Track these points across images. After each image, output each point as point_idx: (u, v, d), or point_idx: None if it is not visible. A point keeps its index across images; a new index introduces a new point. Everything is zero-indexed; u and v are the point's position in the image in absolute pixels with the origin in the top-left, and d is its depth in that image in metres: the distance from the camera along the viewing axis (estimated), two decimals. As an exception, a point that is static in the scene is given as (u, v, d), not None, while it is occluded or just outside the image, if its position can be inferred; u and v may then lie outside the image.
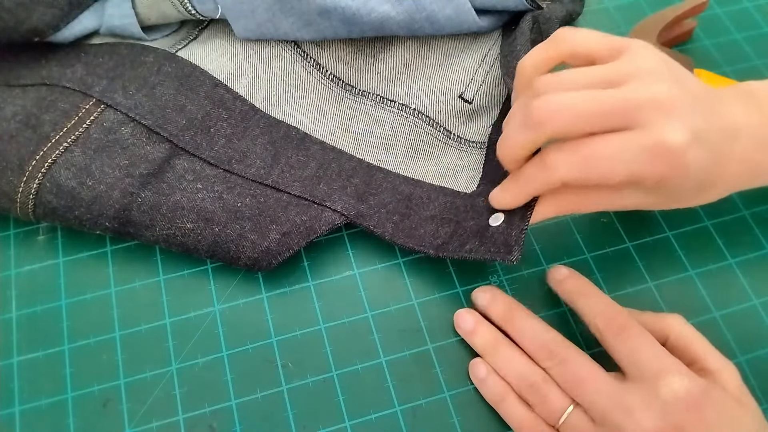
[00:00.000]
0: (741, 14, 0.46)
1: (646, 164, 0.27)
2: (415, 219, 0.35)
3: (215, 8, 0.37)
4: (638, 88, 0.27)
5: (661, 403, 0.26)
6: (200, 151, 0.35)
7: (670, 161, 0.26)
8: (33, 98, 0.36)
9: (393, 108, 0.39)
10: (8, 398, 0.31)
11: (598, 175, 0.27)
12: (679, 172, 0.27)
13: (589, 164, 0.27)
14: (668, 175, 0.27)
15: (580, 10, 0.44)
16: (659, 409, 0.26)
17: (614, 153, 0.27)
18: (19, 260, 0.35)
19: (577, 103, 0.27)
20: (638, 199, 0.30)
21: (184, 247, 0.33)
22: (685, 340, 0.29)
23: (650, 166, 0.27)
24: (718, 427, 0.26)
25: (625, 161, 0.27)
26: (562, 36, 0.30)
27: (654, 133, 0.26)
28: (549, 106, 0.27)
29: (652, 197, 0.29)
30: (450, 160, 0.38)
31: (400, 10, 0.37)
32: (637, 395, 0.27)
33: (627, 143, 0.26)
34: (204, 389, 0.32)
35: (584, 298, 0.32)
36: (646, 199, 0.30)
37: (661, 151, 0.26)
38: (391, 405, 0.32)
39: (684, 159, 0.26)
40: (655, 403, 0.27)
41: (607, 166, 0.27)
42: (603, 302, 0.31)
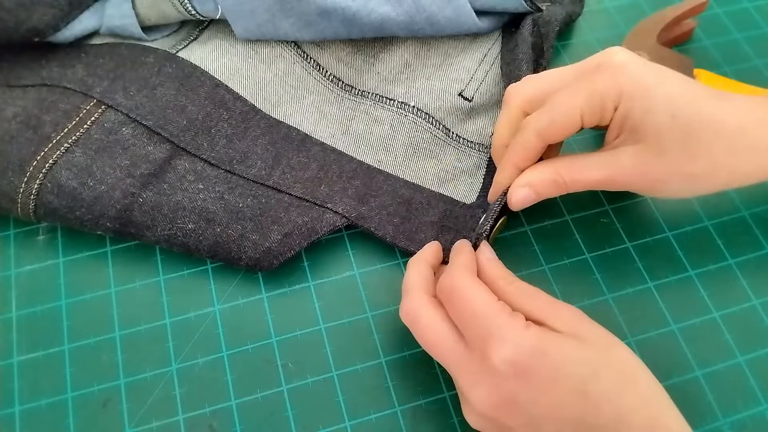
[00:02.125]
0: (741, 14, 0.46)
1: (598, 81, 0.29)
2: (415, 223, 0.35)
3: (215, 9, 0.37)
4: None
5: (491, 374, 0.26)
6: (201, 151, 0.35)
7: (618, 71, 0.29)
8: (34, 99, 0.36)
9: (392, 106, 0.39)
10: (8, 398, 0.31)
11: (562, 112, 0.29)
12: (631, 81, 0.28)
13: (552, 106, 0.30)
14: (624, 84, 0.28)
15: (579, 11, 0.44)
16: (489, 380, 0.26)
17: (571, 90, 0.29)
18: (19, 260, 0.35)
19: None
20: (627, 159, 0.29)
21: (186, 248, 0.33)
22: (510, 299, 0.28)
23: (601, 80, 0.29)
24: (552, 384, 0.25)
25: (581, 90, 0.29)
26: (507, 93, 0.33)
27: (596, 59, 0.30)
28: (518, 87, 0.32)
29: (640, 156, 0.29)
30: (449, 161, 0.38)
31: (400, 11, 0.37)
32: (473, 365, 0.26)
33: (580, 82, 0.29)
34: (204, 389, 0.32)
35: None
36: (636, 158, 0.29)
37: (607, 64, 0.29)
38: (391, 405, 0.32)
39: (628, 68, 0.29)
40: (486, 374, 0.26)
41: (566, 100, 0.29)
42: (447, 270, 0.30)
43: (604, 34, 0.45)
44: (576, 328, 0.27)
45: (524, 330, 0.26)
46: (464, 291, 0.27)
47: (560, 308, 0.28)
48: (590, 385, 0.25)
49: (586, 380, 0.25)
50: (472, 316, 0.27)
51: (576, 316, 0.28)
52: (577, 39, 0.45)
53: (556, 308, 0.28)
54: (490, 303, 0.27)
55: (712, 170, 0.29)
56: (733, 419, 0.31)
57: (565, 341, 0.26)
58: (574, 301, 0.34)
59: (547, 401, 0.25)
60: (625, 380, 0.26)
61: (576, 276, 0.35)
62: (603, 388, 0.25)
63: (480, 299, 0.27)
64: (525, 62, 0.37)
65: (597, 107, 0.29)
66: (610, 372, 0.26)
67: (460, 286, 0.28)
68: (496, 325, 0.26)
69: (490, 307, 0.27)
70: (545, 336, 0.26)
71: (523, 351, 0.25)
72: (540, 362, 0.25)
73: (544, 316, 0.27)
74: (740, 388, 0.32)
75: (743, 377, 0.32)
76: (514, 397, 0.25)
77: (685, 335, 0.34)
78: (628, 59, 0.29)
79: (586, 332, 0.26)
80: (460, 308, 0.27)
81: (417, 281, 0.30)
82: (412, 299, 0.29)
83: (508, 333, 0.26)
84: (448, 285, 0.28)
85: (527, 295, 0.28)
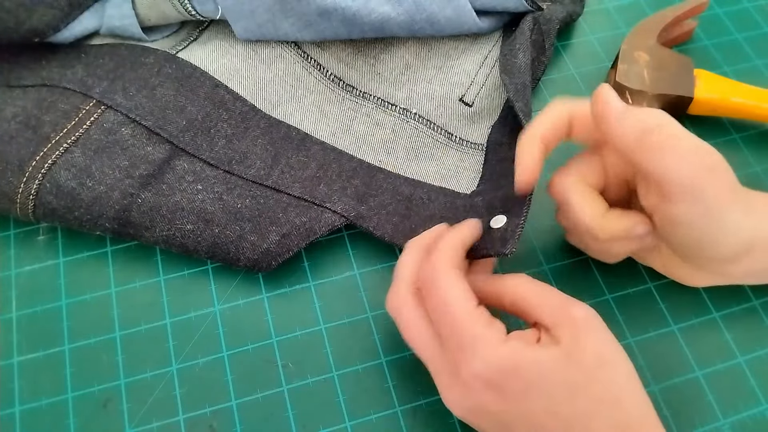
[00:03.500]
0: (741, 14, 0.46)
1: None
2: (415, 219, 0.35)
3: (215, 9, 0.37)
4: None
5: (461, 383, 0.25)
6: (200, 152, 0.35)
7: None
8: (33, 99, 0.36)
9: (394, 112, 0.39)
10: (8, 398, 0.31)
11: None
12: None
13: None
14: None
15: (580, 11, 0.44)
16: (460, 388, 0.26)
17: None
18: (19, 260, 0.35)
19: None
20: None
21: (184, 248, 0.33)
22: (520, 300, 0.28)
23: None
24: (524, 399, 0.25)
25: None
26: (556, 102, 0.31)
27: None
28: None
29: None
30: (451, 161, 0.38)
31: (401, 11, 0.37)
32: (447, 366, 0.26)
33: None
34: (204, 389, 0.32)
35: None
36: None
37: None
38: (391, 405, 0.32)
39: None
40: (457, 381, 0.26)
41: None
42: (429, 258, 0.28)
43: (604, 34, 0.45)
44: (579, 340, 0.25)
45: (498, 346, 0.25)
46: (442, 290, 0.26)
47: (571, 314, 0.26)
48: (563, 407, 0.25)
49: (560, 402, 0.25)
50: (447, 322, 0.26)
51: (582, 325, 0.26)
52: (577, 39, 0.45)
53: (567, 314, 0.26)
54: (467, 310, 0.26)
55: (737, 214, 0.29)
56: (733, 419, 0.31)
57: (546, 359, 0.25)
58: (574, 301, 0.34)
59: (518, 412, 0.25)
60: (603, 404, 0.25)
61: (576, 276, 0.35)
62: (576, 410, 0.25)
63: (457, 304, 0.26)
64: (522, 52, 0.37)
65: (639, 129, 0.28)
66: (588, 395, 0.25)
67: (438, 283, 0.27)
68: (469, 337, 0.25)
69: (466, 315, 0.26)
70: (522, 353, 0.25)
71: (494, 368, 0.25)
72: (512, 379, 0.25)
73: (550, 322, 0.26)
74: (740, 388, 0.32)
75: (743, 377, 0.32)
76: (485, 406, 0.25)
77: (685, 335, 0.34)
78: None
79: (583, 346, 0.25)
80: (436, 308, 0.27)
81: (406, 270, 0.29)
82: (395, 292, 0.29)
83: (481, 348, 0.25)
84: (428, 277, 0.27)
85: (532, 297, 0.27)
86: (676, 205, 0.28)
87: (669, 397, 0.32)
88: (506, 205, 0.32)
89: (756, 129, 0.41)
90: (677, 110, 0.39)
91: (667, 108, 0.38)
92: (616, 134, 0.28)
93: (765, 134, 0.40)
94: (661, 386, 0.32)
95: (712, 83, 0.39)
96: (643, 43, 0.40)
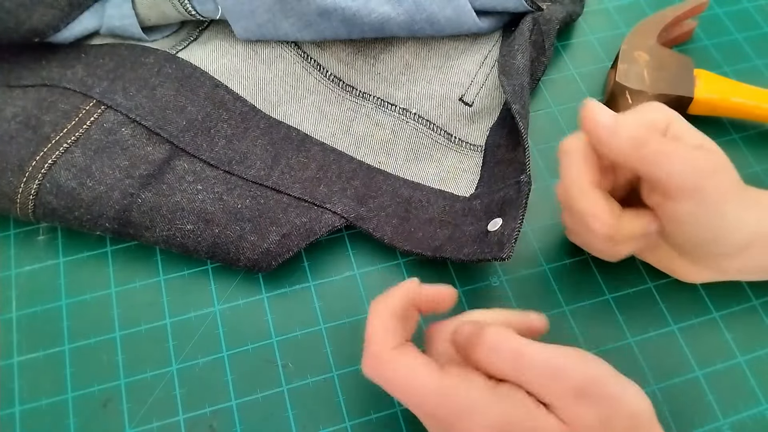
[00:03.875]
0: (741, 14, 0.46)
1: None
2: (414, 222, 0.35)
3: (215, 9, 0.37)
4: None
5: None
6: (200, 152, 0.35)
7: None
8: (33, 99, 0.36)
9: (394, 112, 0.39)
10: (8, 398, 0.31)
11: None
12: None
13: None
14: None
15: (580, 11, 0.44)
16: None
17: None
18: (19, 260, 0.35)
19: None
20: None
21: (184, 248, 0.33)
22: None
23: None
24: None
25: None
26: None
27: None
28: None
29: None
30: (450, 163, 0.38)
31: (401, 11, 0.37)
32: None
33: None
34: (204, 389, 0.32)
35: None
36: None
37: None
38: (391, 405, 0.32)
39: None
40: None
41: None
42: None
43: (604, 34, 0.45)
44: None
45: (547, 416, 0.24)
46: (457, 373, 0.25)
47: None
48: None
49: None
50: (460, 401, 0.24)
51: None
52: (577, 39, 0.45)
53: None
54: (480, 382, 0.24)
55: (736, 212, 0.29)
56: (733, 419, 0.31)
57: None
58: (575, 301, 0.34)
59: None
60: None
61: (576, 276, 0.35)
62: None
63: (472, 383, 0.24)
64: (520, 53, 0.37)
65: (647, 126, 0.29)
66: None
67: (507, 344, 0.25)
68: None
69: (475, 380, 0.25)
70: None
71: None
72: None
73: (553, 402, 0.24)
74: (740, 388, 0.32)
75: (743, 377, 0.32)
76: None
77: (685, 335, 0.34)
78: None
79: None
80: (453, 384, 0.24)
81: (381, 331, 0.26)
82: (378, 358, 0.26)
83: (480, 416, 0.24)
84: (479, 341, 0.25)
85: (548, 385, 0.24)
86: (679, 204, 0.28)
87: (669, 397, 0.32)
88: (503, 209, 0.33)
89: (756, 129, 0.41)
90: (677, 110, 0.39)
91: (667, 108, 0.39)
92: (611, 150, 0.28)
93: (765, 134, 0.40)
94: (661, 386, 0.32)
95: (712, 83, 0.39)
96: (643, 43, 0.40)
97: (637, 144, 0.27)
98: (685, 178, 0.27)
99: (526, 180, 0.32)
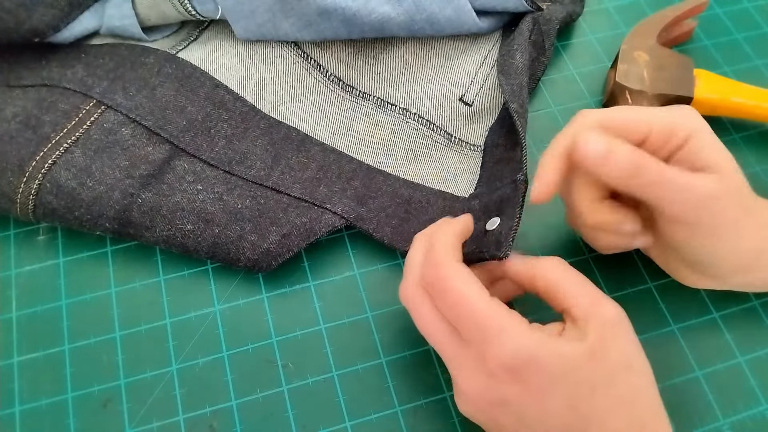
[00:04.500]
0: (741, 14, 0.46)
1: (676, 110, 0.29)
2: (413, 223, 0.35)
3: (215, 9, 0.37)
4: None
5: (486, 374, 0.25)
6: (200, 152, 0.35)
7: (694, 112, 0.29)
8: (33, 99, 0.36)
9: (393, 112, 0.39)
10: (8, 398, 0.31)
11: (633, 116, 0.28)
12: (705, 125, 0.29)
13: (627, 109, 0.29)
14: (697, 122, 0.28)
15: (580, 11, 0.44)
16: (484, 379, 0.26)
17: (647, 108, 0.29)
18: (19, 260, 0.35)
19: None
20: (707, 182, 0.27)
21: (184, 248, 0.33)
22: (554, 286, 0.27)
23: (680, 111, 0.29)
24: (545, 393, 0.25)
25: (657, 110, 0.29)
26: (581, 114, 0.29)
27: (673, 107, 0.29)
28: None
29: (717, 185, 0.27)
30: (450, 163, 0.38)
31: (401, 11, 0.37)
32: (468, 360, 0.26)
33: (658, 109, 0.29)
34: (204, 389, 0.32)
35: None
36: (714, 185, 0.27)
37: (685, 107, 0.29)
38: (391, 405, 0.32)
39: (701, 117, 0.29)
40: (482, 373, 0.26)
41: (641, 111, 0.29)
42: (429, 257, 0.28)
43: (604, 34, 0.45)
44: (602, 340, 0.25)
45: (524, 335, 0.25)
46: (455, 288, 0.26)
47: (600, 312, 0.26)
48: (582, 402, 0.25)
49: (580, 396, 0.25)
50: (467, 316, 0.26)
51: (611, 325, 0.26)
52: (577, 39, 0.45)
53: (596, 311, 0.26)
54: (486, 303, 0.26)
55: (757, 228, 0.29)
56: (733, 419, 0.31)
57: (570, 352, 0.25)
58: (574, 301, 0.34)
59: (538, 408, 0.25)
60: (622, 404, 0.25)
61: (576, 276, 0.35)
62: (596, 407, 0.25)
63: (474, 299, 0.26)
64: (519, 53, 0.37)
65: (667, 130, 0.28)
66: (609, 394, 0.25)
67: (448, 282, 0.26)
68: (495, 328, 0.25)
69: (487, 308, 0.25)
70: (547, 344, 0.25)
71: (521, 357, 0.25)
72: (535, 370, 0.25)
73: (581, 316, 0.26)
74: (740, 388, 0.32)
75: (743, 377, 0.32)
76: (506, 399, 0.25)
77: (685, 335, 0.34)
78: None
79: (609, 346, 0.25)
80: (452, 306, 0.26)
81: (414, 263, 0.29)
82: (407, 285, 0.28)
83: (507, 338, 0.25)
84: (433, 276, 0.27)
85: (573, 291, 0.27)
86: (675, 228, 0.28)
87: (669, 397, 0.32)
88: (501, 208, 0.33)
89: (756, 129, 0.41)
90: (677, 110, 0.39)
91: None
92: (606, 178, 0.27)
93: (765, 134, 0.40)
94: (661, 386, 0.32)
95: (712, 83, 0.39)
96: (643, 43, 0.40)
97: (631, 174, 0.27)
98: (679, 210, 0.28)
99: (523, 179, 0.32)
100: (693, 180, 0.27)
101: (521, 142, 0.33)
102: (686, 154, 0.28)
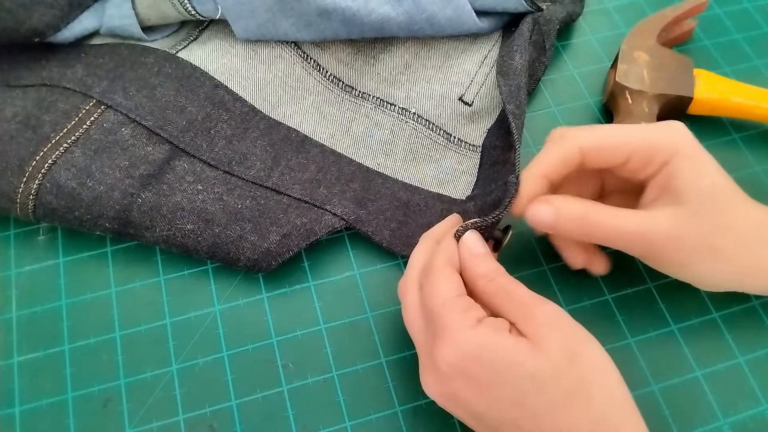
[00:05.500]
0: (741, 14, 0.46)
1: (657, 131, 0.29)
2: (412, 226, 0.35)
3: (215, 9, 0.37)
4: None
5: (435, 369, 0.26)
6: (200, 152, 0.35)
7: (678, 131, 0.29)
8: (33, 99, 0.36)
9: (393, 112, 0.39)
10: (8, 398, 0.31)
11: (613, 140, 0.29)
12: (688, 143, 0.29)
13: (606, 131, 0.30)
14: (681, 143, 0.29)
15: (580, 11, 0.44)
16: (434, 374, 0.26)
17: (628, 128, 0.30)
18: (19, 260, 0.35)
19: None
20: (665, 220, 0.28)
21: (184, 248, 0.33)
22: (490, 298, 0.28)
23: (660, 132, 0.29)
24: (490, 388, 0.25)
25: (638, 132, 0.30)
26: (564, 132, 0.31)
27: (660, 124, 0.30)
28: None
29: (679, 219, 0.28)
30: (449, 164, 0.38)
31: (401, 11, 0.37)
32: (428, 355, 0.27)
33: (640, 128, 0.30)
34: (204, 389, 0.32)
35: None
36: (674, 220, 0.28)
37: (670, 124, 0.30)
38: (391, 405, 0.32)
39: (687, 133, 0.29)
40: (432, 367, 0.26)
41: (621, 133, 0.30)
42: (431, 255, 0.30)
43: (604, 34, 0.45)
44: (544, 334, 0.25)
45: (466, 332, 0.25)
46: (432, 282, 0.27)
47: (534, 311, 0.26)
48: (530, 398, 0.25)
49: (526, 393, 0.25)
50: (429, 309, 0.27)
51: (550, 320, 0.26)
52: (577, 39, 0.45)
53: (530, 311, 0.26)
54: (447, 299, 0.27)
55: (736, 249, 0.29)
56: (733, 419, 0.31)
57: (514, 349, 0.25)
58: (575, 301, 0.34)
59: (486, 402, 0.25)
60: (573, 398, 0.25)
61: (577, 277, 0.35)
62: (544, 402, 0.25)
63: (438, 294, 0.27)
64: (519, 53, 0.37)
65: (647, 154, 0.29)
66: (558, 387, 0.25)
67: (431, 276, 0.28)
68: (443, 324, 0.26)
69: (445, 303, 0.26)
70: (491, 341, 0.25)
71: (463, 354, 0.25)
72: (479, 366, 0.25)
73: (515, 319, 0.27)
74: (740, 388, 0.32)
75: (743, 377, 0.32)
76: (455, 394, 0.26)
77: (685, 335, 0.34)
78: (687, 131, 0.30)
79: (552, 340, 0.25)
80: (425, 298, 0.28)
81: (416, 260, 0.30)
82: (403, 279, 0.30)
83: (451, 334, 0.25)
84: (426, 271, 0.29)
85: (501, 295, 0.28)
86: (648, 262, 0.31)
87: (669, 397, 0.32)
88: (494, 210, 0.32)
89: (756, 129, 0.41)
90: (677, 110, 0.39)
91: (667, 108, 0.39)
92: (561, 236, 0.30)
93: (765, 134, 0.40)
94: (661, 386, 0.32)
95: (712, 83, 0.39)
96: (643, 43, 0.40)
97: (582, 232, 0.29)
98: (639, 252, 0.30)
99: (515, 181, 0.31)
100: (646, 225, 0.28)
101: (515, 144, 0.33)
102: (662, 177, 0.29)
